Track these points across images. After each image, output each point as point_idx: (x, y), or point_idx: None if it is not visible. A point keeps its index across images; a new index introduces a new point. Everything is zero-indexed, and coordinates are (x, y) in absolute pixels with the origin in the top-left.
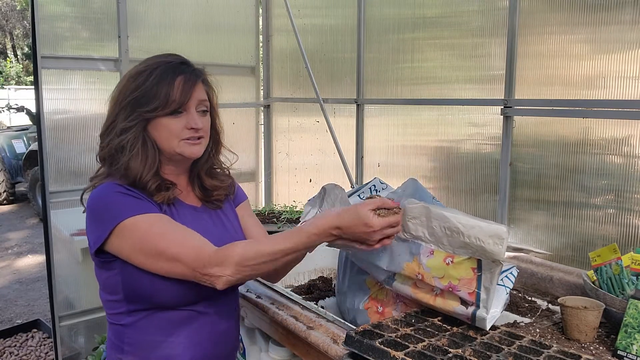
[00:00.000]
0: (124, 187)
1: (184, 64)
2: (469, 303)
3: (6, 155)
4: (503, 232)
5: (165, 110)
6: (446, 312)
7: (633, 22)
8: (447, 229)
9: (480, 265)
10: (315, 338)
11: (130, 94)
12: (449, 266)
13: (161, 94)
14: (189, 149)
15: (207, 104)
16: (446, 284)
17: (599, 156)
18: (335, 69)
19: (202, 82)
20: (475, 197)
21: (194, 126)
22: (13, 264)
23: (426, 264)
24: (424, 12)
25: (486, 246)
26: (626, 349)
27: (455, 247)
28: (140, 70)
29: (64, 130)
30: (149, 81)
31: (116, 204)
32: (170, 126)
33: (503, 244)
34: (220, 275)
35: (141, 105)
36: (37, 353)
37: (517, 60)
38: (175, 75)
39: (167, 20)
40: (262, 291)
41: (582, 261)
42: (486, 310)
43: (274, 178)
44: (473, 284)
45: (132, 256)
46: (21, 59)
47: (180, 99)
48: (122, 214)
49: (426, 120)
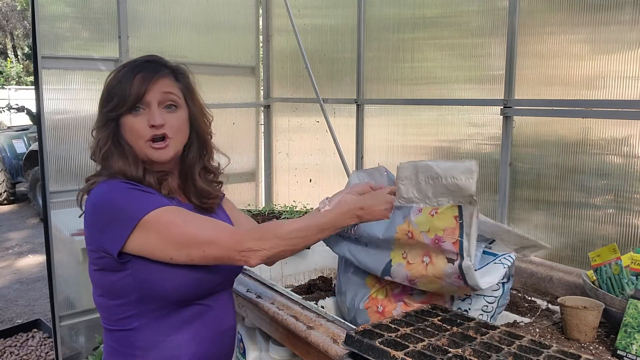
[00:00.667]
0: (130, 183)
1: (148, 61)
2: (454, 257)
3: (6, 155)
4: (473, 165)
5: (124, 107)
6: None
7: (633, 22)
8: (430, 179)
9: (461, 213)
10: (316, 338)
11: (101, 96)
12: (434, 217)
13: (119, 92)
14: (153, 153)
15: (176, 99)
16: (432, 237)
17: (598, 156)
18: (335, 69)
19: (174, 78)
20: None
21: (153, 122)
22: (13, 263)
23: (415, 220)
24: (424, 12)
25: (459, 182)
26: (626, 349)
27: (438, 195)
28: (111, 73)
29: (65, 130)
30: (113, 81)
31: (131, 200)
32: (133, 125)
33: (473, 177)
34: (258, 250)
35: (104, 106)
36: (38, 353)
37: (516, 60)
38: (135, 72)
39: (167, 20)
40: (262, 291)
41: (581, 261)
42: (470, 259)
43: (274, 178)
44: (456, 232)
45: (159, 250)
46: (21, 59)
47: (136, 93)
48: (141, 210)
49: (426, 120)
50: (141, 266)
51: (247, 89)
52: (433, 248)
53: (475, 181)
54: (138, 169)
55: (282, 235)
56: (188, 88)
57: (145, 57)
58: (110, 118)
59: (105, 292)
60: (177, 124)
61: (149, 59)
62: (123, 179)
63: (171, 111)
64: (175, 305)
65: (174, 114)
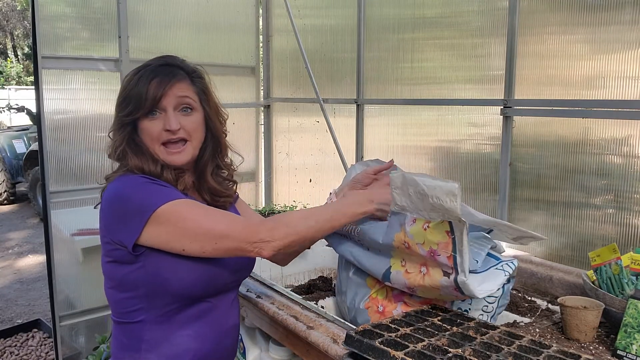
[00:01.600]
0: (147, 177)
1: (163, 65)
2: (449, 271)
3: (7, 155)
4: (455, 189)
5: (140, 112)
6: (434, 289)
7: (633, 22)
8: (418, 194)
9: (452, 228)
10: (316, 338)
11: (117, 99)
12: (427, 231)
13: (135, 97)
14: (167, 157)
15: (191, 102)
16: (428, 249)
17: (598, 156)
18: (335, 69)
19: (191, 81)
20: (475, 197)
21: (169, 127)
22: (14, 263)
23: (409, 231)
24: (424, 12)
25: (444, 204)
26: (626, 349)
27: (428, 210)
28: (126, 77)
29: (65, 130)
30: (129, 86)
31: (146, 193)
32: (150, 129)
33: (457, 200)
34: (270, 240)
35: (121, 110)
36: (38, 353)
37: (516, 60)
38: (151, 77)
39: (167, 20)
40: (262, 291)
41: (581, 261)
42: (464, 274)
43: (274, 178)
44: (449, 247)
45: (173, 241)
46: (21, 59)
47: (152, 98)
48: (156, 203)
49: (426, 120)
50: (154, 259)
51: (247, 89)
52: (429, 260)
53: (459, 203)
54: (157, 165)
55: (292, 223)
56: (204, 90)
57: (161, 59)
58: (126, 122)
59: (116, 285)
60: (192, 127)
61: (164, 61)
62: (140, 174)
63: (187, 114)
64: (182, 302)
65: (190, 117)
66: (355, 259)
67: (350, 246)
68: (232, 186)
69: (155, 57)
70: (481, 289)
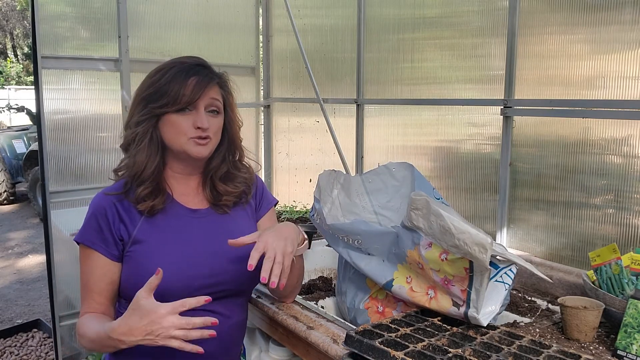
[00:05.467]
0: (109, 198)
1: (200, 65)
2: (461, 303)
3: (6, 155)
4: (487, 243)
5: (174, 106)
6: (441, 312)
7: (633, 22)
8: (442, 227)
9: (472, 267)
10: (316, 338)
11: (145, 90)
12: (444, 262)
13: (172, 92)
14: (194, 148)
15: (219, 105)
16: (442, 277)
17: (598, 156)
18: (335, 69)
19: (219, 85)
20: (475, 197)
21: (201, 125)
22: (14, 264)
23: (425, 255)
24: (424, 12)
25: (472, 252)
26: (626, 349)
27: (449, 244)
28: (157, 69)
29: (64, 130)
30: (163, 79)
31: (86, 221)
32: (179, 123)
33: (487, 254)
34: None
35: (153, 101)
36: (38, 353)
37: (516, 61)
38: (189, 75)
39: (167, 20)
40: (262, 291)
41: (581, 261)
42: (476, 311)
43: (274, 178)
44: (465, 282)
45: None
46: (21, 59)
47: (190, 97)
48: (81, 234)
49: (426, 120)
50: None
51: (247, 89)
52: (441, 286)
53: (489, 257)
54: (151, 169)
55: (80, 335)
56: (229, 97)
57: (193, 58)
58: (156, 114)
59: None
60: (216, 128)
61: (199, 62)
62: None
63: (214, 116)
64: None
65: (216, 118)
66: (353, 262)
67: (347, 250)
68: (241, 185)
69: (185, 56)
70: (485, 314)
